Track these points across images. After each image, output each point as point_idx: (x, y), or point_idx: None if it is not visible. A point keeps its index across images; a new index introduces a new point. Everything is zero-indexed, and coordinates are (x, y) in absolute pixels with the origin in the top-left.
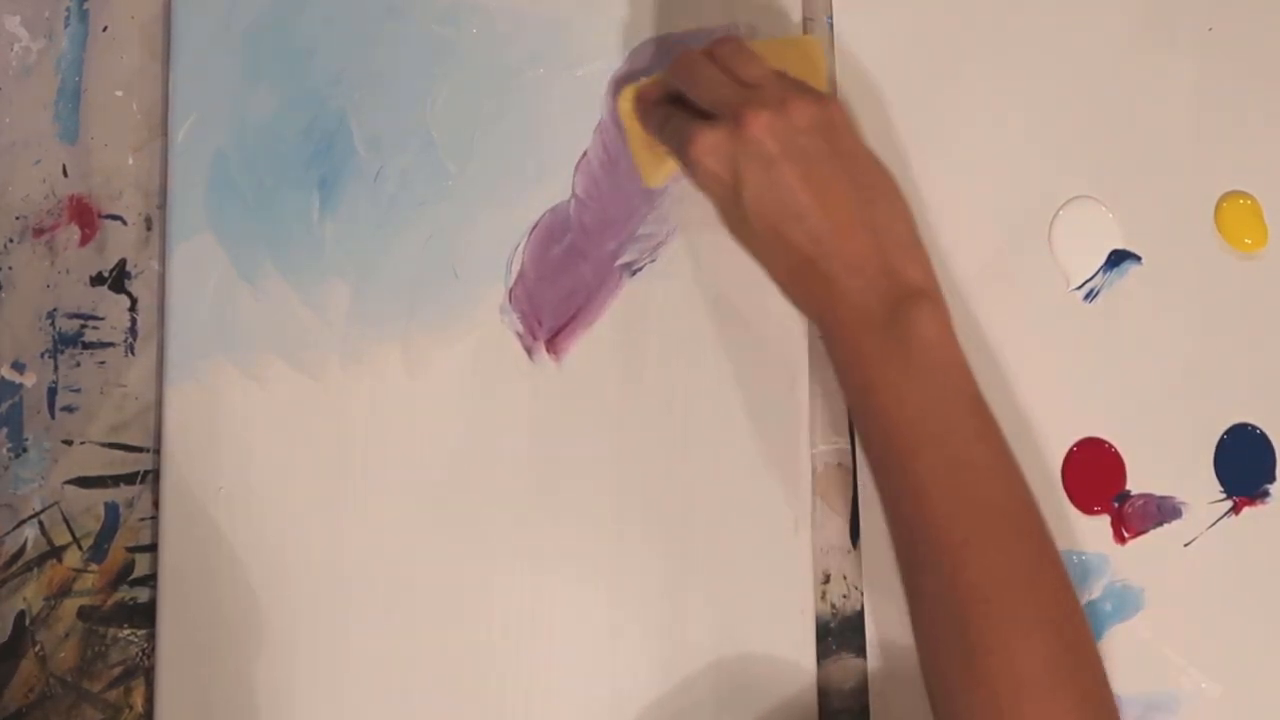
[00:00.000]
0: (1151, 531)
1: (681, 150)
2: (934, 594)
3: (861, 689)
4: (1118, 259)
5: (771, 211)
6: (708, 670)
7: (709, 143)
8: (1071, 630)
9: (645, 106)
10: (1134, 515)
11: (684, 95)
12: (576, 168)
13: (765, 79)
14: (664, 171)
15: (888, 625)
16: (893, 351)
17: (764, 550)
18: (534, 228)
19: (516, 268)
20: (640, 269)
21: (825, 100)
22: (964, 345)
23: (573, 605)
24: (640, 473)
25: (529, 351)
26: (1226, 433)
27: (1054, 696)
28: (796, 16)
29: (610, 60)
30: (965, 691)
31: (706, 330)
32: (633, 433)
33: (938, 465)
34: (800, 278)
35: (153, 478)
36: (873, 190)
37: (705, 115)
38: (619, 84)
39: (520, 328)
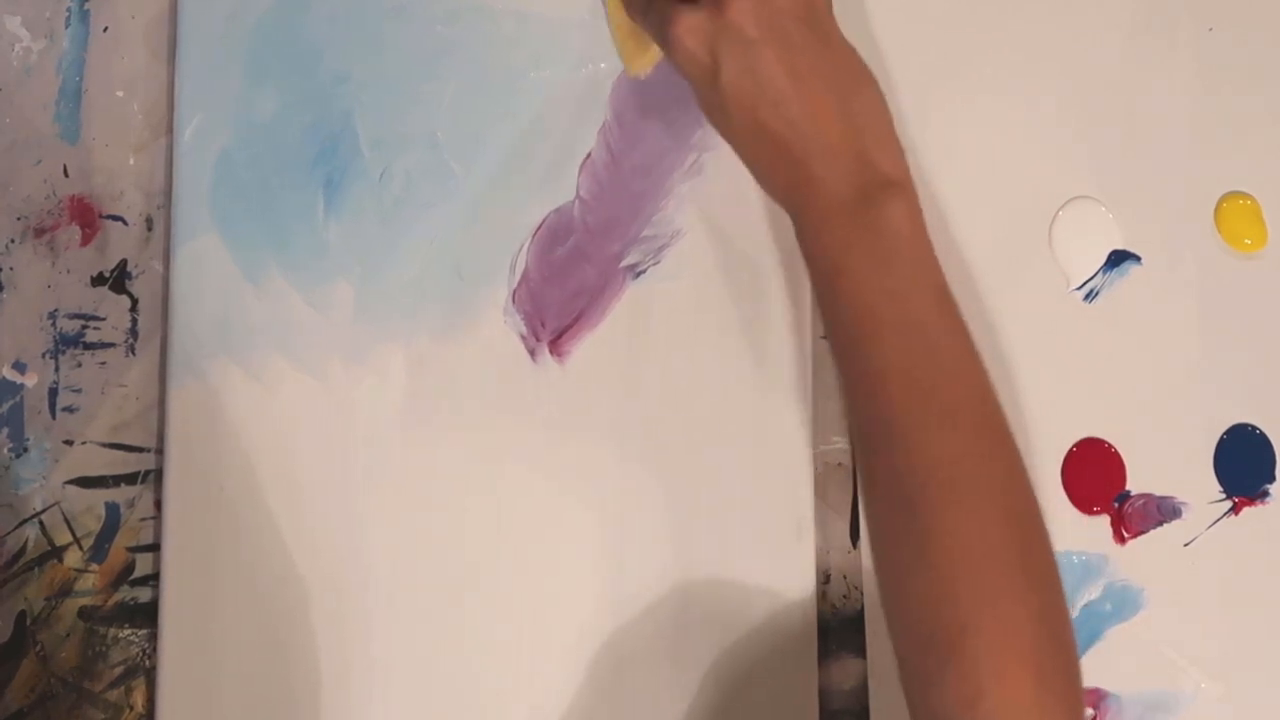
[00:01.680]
0: (1151, 531)
1: (661, 31)
2: (887, 476)
3: (861, 689)
4: (1118, 259)
5: (748, 95)
6: (709, 672)
7: (689, 23)
8: (1023, 517)
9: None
10: (1134, 515)
11: None
12: (581, 169)
13: None
14: (646, 59)
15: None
16: (862, 237)
17: (766, 554)
18: (538, 229)
19: (520, 269)
20: (644, 271)
21: None
22: None
23: (574, 605)
24: (642, 475)
25: (532, 353)
26: (1226, 433)
27: (1005, 577)
28: None
29: (615, 61)
30: (915, 573)
31: (710, 333)
32: (635, 435)
33: (900, 349)
34: (774, 163)
35: (154, 478)
36: (851, 80)
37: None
38: None
39: (524, 329)
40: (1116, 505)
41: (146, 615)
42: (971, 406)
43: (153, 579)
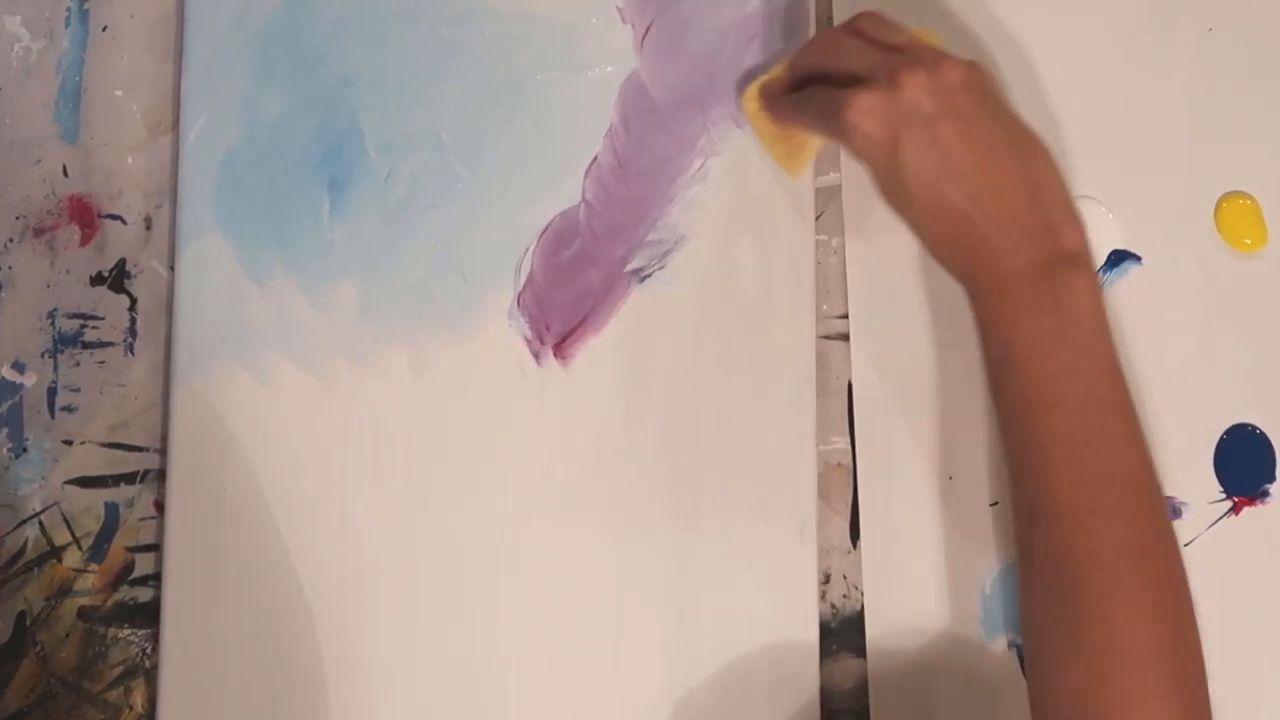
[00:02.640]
0: None
1: (833, 118)
2: (1047, 555)
3: (861, 689)
4: (1118, 259)
5: (931, 171)
6: (709, 672)
7: (865, 105)
8: (1179, 610)
9: (772, 98)
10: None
11: (820, 75)
12: (586, 173)
13: (911, 43)
14: (804, 160)
15: (888, 625)
16: (1044, 310)
17: (769, 555)
18: (543, 232)
19: (525, 272)
20: (649, 275)
21: (973, 63)
22: (967, 347)
23: (577, 608)
24: (646, 478)
25: (536, 356)
26: (1226, 433)
27: (1156, 672)
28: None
29: (621, 64)
30: (1067, 656)
31: (714, 338)
32: (639, 438)
33: (1071, 427)
34: (956, 238)
35: (153, 477)
36: (1028, 149)
37: (848, 84)
38: (740, 86)
39: (528, 332)
40: None
41: (146, 615)
42: (1138, 496)
43: (152, 579)
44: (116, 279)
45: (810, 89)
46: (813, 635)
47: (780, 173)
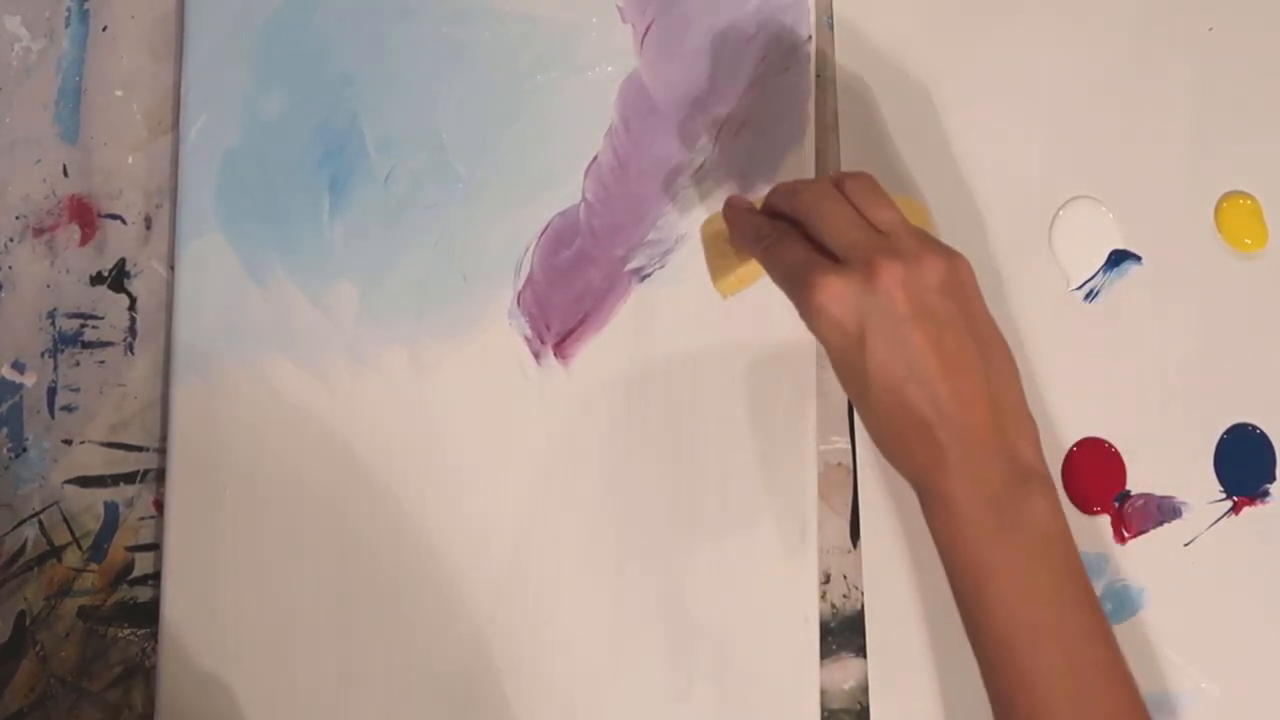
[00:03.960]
0: (1151, 531)
1: (801, 289)
2: None
3: (861, 689)
4: (1118, 259)
5: (895, 371)
6: (710, 672)
7: (836, 289)
8: None
9: (738, 217)
10: (1134, 515)
11: (795, 221)
12: (586, 172)
13: (897, 226)
14: (736, 281)
15: (888, 625)
16: (1007, 536)
17: (769, 556)
18: (543, 232)
19: (525, 271)
20: (649, 275)
21: (954, 257)
22: None
23: (577, 606)
24: (647, 477)
25: (537, 356)
26: (1226, 433)
27: None
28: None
29: (621, 64)
30: None
31: (714, 337)
32: (639, 438)
33: (1057, 664)
34: (911, 443)
35: (153, 477)
36: (993, 360)
37: (821, 252)
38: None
39: (528, 332)
40: (1117, 505)
41: (146, 615)
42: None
43: (152, 578)
44: (116, 279)
45: (783, 235)
46: (813, 635)
47: (710, 285)
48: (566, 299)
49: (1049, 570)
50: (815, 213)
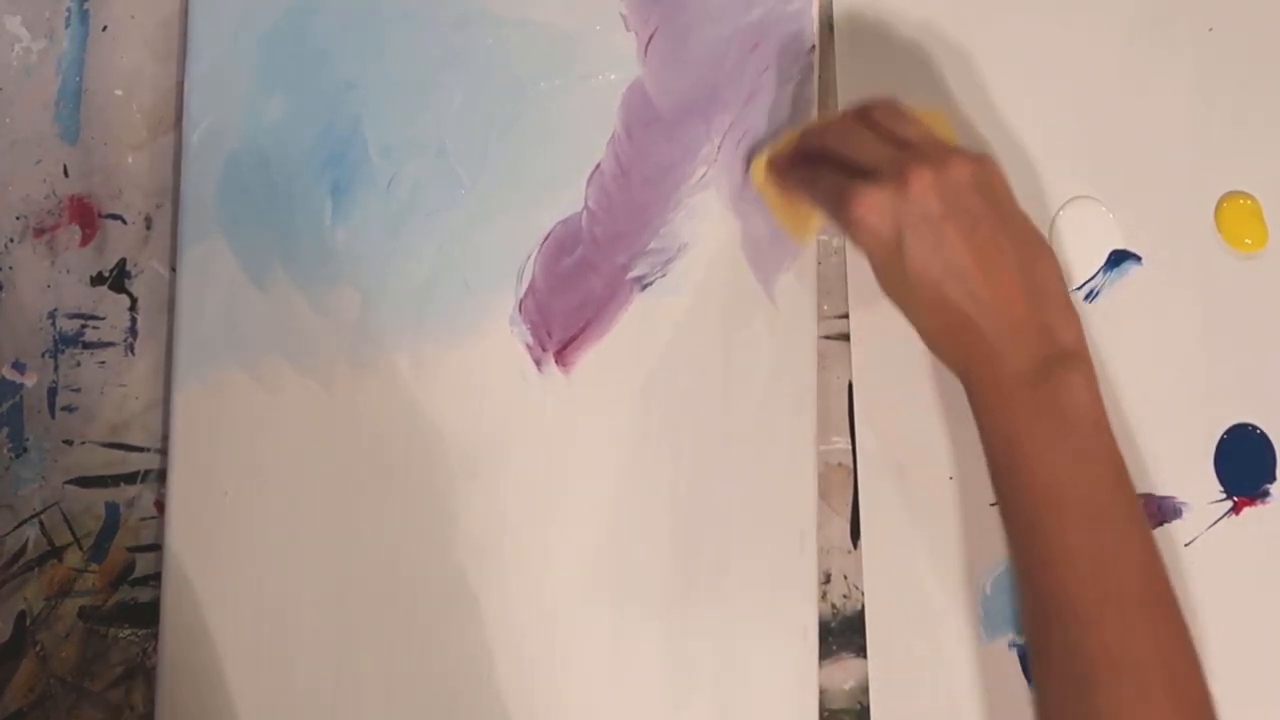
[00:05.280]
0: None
1: (840, 209)
2: (1062, 652)
3: (861, 689)
4: (1118, 259)
5: (934, 270)
6: (710, 672)
7: (872, 201)
8: (1198, 705)
9: (781, 169)
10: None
11: (829, 154)
12: (589, 179)
13: (923, 138)
14: (811, 227)
15: (888, 625)
16: (1044, 411)
17: (768, 560)
18: (545, 239)
19: (527, 279)
20: (651, 283)
21: (983, 159)
22: None
23: (576, 610)
24: (647, 485)
25: (538, 363)
26: (1226, 433)
27: None
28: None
29: (624, 71)
30: None
31: (715, 346)
32: (640, 445)
33: (1080, 527)
34: (955, 335)
35: (154, 477)
36: (1030, 250)
37: (857, 174)
38: (749, 154)
39: (530, 339)
40: None
41: (146, 615)
42: (1150, 592)
43: (153, 579)
44: (117, 279)
45: (819, 171)
46: (813, 640)
47: (789, 239)
48: (568, 306)
49: (1079, 442)
50: (846, 142)
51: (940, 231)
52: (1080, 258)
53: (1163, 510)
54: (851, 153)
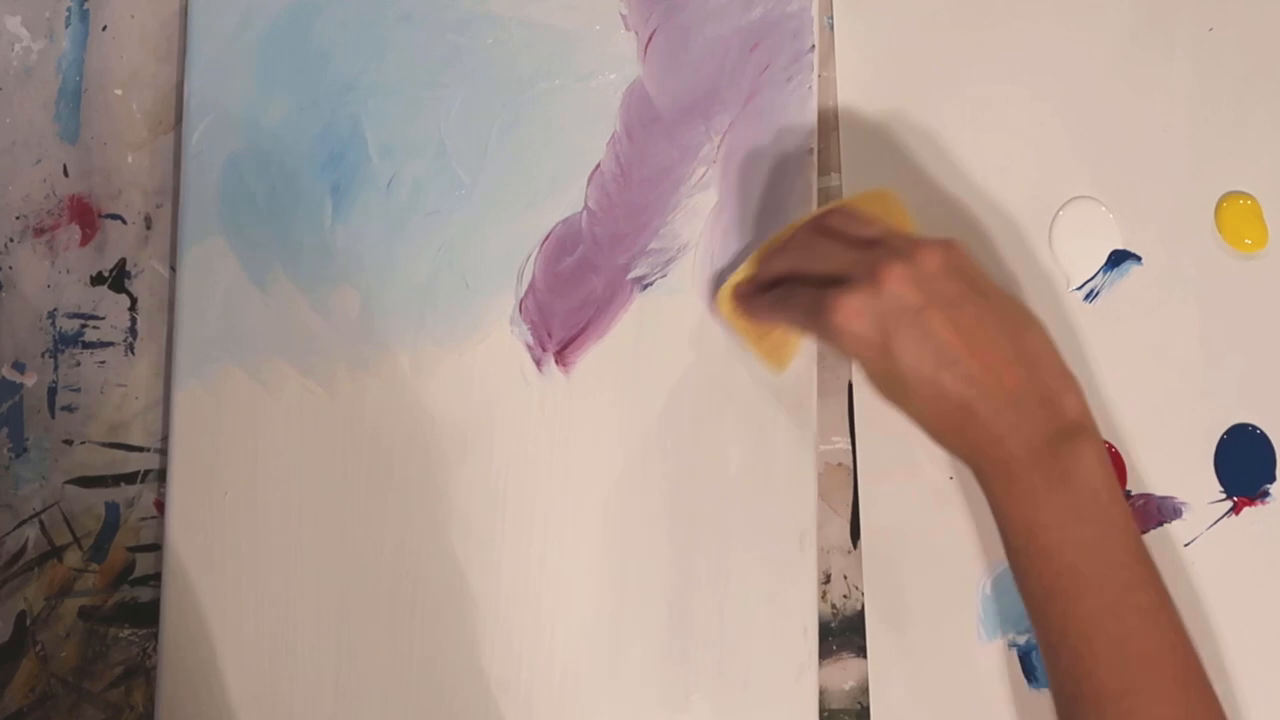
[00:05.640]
0: (1151, 531)
1: (819, 321)
2: None
3: (861, 689)
4: (1118, 259)
5: (926, 362)
6: (710, 673)
7: (851, 306)
8: None
9: (746, 299)
10: (1134, 515)
11: (794, 274)
12: (589, 180)
13: (885, 234)
14: (788, 354)
15: (888, 625)
16: (1056, 489)
17: (768, 560)
18: (546, 239)
19: (527, 279)
20: (651, 283)
21: (950, 243)
22: None
23: (576, 611)
24: (647, 485)
25: (538, 363)
26: (1226, 433)
27: None
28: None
29: (624, 72)
30: None
31: (716, 346)
32: (640, 445)
33: (1103, 610)
34: (957, 423)
35: (154, 477)
36: (1017, 324)
37: (827, 285)
38: (712, 286)
39: (530, 339)
40: None
41: (146, 615)
42: (1182, 670)
43: (153, 579)
44: (117, 279)
45: (789, 288)
46: (813, 640)
47: (766, 369)
48: (568, 306)
49: (1095, 519)
50: (808, 257)
51: (925, 322)
52: (1080, 258)
53: (1163, 510)
54: (818, 265)
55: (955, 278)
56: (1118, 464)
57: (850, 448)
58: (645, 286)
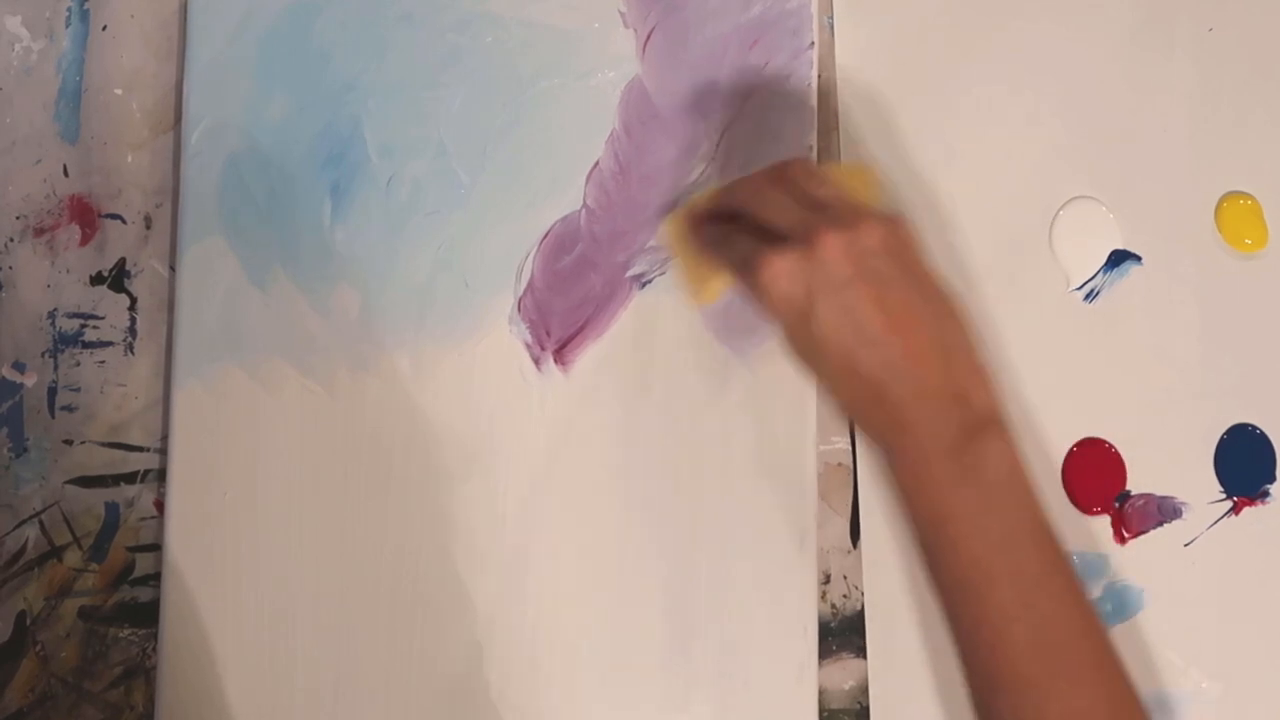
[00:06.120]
0: (1151, 531)
1: (750, 274)
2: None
3: (861, 689)
4: (1118, 259)
5: (845, 336)
6: (710, 673)
7: (781, 266)
8: None
9: (694, 225)
10: (1134, 515)
11: (744, 216)
12: (588, 178)
13: (834, 200)
14: (713, 289)
15: (888, 625)
16: (967, 481)
17: (768, 560)
18: (544, 237)
19: (526, 277)
20: (650, 281)
21: (895, 221)
22: None
23: (576, 611)
24: (646, 484)
25: (537, 362)
26: (1226, 433)
27: None
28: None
29: (623, 70)
30: None
31: (715, 344)
32: (639, 444)
33: (1015, 599)
34: (870, 404)
35: (153, 477)
36: (942, 313)
37: (769, 237)
38: (666, 210)
39: (529, 338)
40: (1117, 505)
41: (146, 615)
42: (1096, 653)
43: (153, 579)
44: (116, 278)
45: (733, 230)
46: (813, 640)
47: (689, 297)
48: (567, 305)
49: (1004, 511)
50: (755, 203)
51: (851, 296)
52: (1080, 258)
53: (1162, 510)
54: (763, 215)
55: (891, 257)
56: (1117, 464)
57: (850, 448)
58: (644, 284)
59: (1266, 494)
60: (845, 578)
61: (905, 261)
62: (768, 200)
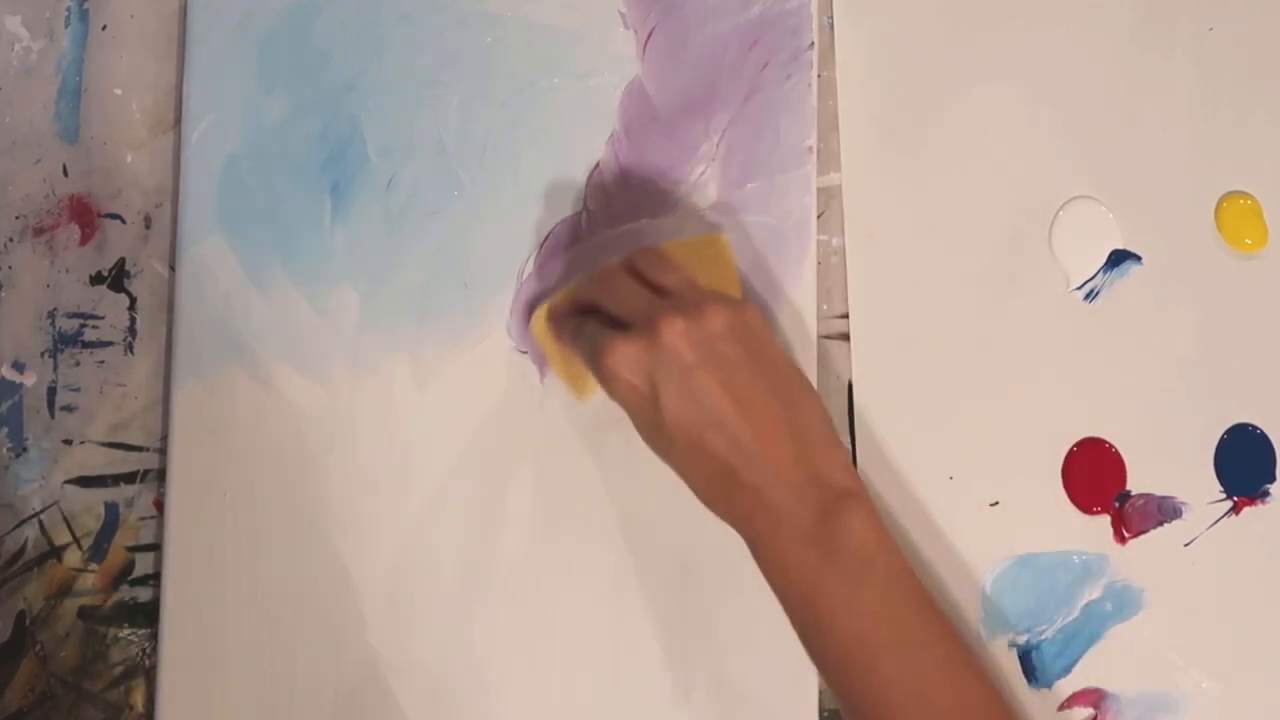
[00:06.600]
0: (1151, 531)
1: (595, 362)
2: None
3: None
4: (1118, 259)
5: (691, 421)
6: (710, 673)
7: (623, 353)
8: None
9: (558, 321)
10: (1134, 515)
11: (598, 308)
12: (589, 180)
13: (680, 286)
14: (590, 383)
15: None
16: (831, 561)
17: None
18: (545, 239)
19: (527, 278)
20: None
21: (739, 305)
22: (967, 347)
23: (577, 612)
24: (646, 484)
25: (538, 364)
26: (1226, 433)
27: None
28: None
29: (623, 71)
30: None
31: None
32: (640, 445)
33: (900, 670)
34: (723, 488)
35: (153, 477)
36: (790, 393)
37: (619, 326)
38: (532, 306)
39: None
40: (1117, 505)
41: (146, 615)
42: (988, 711)
43: (152, 578)
44: (116, 278)
45: (584, 320)
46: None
47: (569, 393)
48: None
49: (874, 584)
50: (603, 293)
51: (696, 381)
52: (1080, 258)
53: (1162, 510)
54: (612, 304)
55: (735, 341)
56: (1117, 464)
57: (850, 448)
58: None
59: (1266, 494)
60: None
61: (751, 345)
62: (617, 290)
